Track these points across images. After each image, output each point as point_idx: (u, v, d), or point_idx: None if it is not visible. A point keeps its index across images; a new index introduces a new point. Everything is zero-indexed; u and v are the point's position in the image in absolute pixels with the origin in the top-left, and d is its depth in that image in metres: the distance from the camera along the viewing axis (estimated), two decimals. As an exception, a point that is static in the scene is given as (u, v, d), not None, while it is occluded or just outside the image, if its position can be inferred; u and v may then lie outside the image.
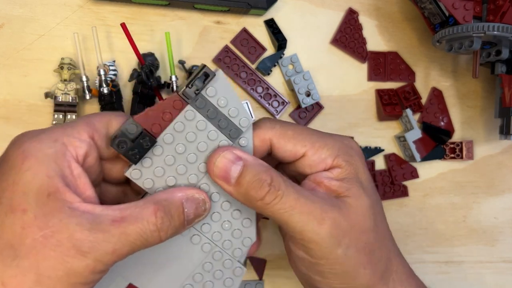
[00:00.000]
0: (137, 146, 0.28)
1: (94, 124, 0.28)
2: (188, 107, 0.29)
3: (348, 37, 0.47)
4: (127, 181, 0.33)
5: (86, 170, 0.27)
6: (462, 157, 0.49)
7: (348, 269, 0.30)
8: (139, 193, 0.33)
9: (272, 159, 0.33)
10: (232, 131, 0.30)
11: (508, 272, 0.50)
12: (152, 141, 0.29)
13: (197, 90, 0.29)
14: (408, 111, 0.47)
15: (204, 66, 0.29)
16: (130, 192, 0.33)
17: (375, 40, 0.48)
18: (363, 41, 0.47)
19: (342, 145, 0.32)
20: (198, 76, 0.29)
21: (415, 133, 0.47)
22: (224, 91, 0.30)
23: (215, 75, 0.29)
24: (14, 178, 0.24)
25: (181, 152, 0.30)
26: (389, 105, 0.47)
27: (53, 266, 0.23)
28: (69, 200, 0.25)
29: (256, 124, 0.32)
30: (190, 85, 0.29)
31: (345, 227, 0.29)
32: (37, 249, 0.23)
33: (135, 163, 0.29)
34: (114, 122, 0.29)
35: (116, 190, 0.32)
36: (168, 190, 0.29)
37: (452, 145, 0.49)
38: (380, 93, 0.47)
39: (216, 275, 0.32)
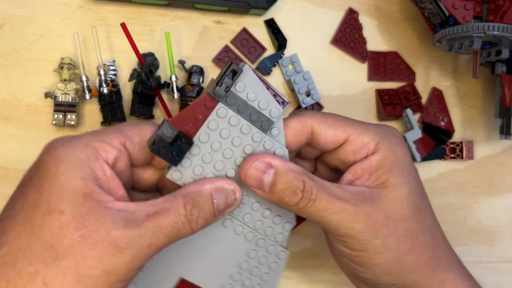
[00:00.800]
0: (175, 149, 0.29)
1: (125, 132, 0.29)
2: (220, 105, 0.30)
3: (348, 37, 0.47)
4: (156, 189, 0.34)
5: (117, 175, 0.28)
6: (462, 157, 0.48)
7: (389, 257, 0.30)
8: None
9: (313, 151, 0.34)
10: (263, 123, 0.31)
11: (508, 272, 0.50)
12: (189, 142, 0.30)
13: (227, 87, 0.30)
14: (408, 111, 0.47)
15: (231, 63, 0.30)
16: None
17: (375, 40, 0.48)
18: (363, 41, 0.47)
19: (383, 131, 0.32)
20: (226, 74, 0.30)
21: (415, 133, 0.47)
22: (252, 84, 0.31)
23: (242, 70, 0.30)
24: (50, 182, 0.25)
25: (217, 149, 0.31)
26: (389, 105, 0.47)
27: (92, 265, 0.24)
28: (104, 200, 0.26)
29: (297, 113, 0.33)
30: (220, 84, 0.30)
31: (380, 218, 0.30)
32: (76, 249, 0.24)
33: (176, 165, 0.30)
34: (145, 130, 0.30)
35: (145, 198, 0.33)
36: (198, 182, 0.29)
37: (452, 145, 0.49)
38: (380, 93, 0.47)
39: (261, 260, 0.34)
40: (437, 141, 0.48)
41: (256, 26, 0.46)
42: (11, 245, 0.24)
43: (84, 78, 0.41)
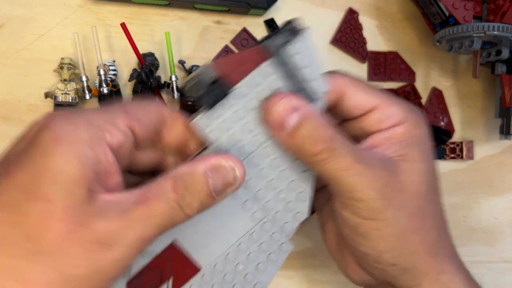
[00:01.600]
0: (210, 93, 0.26)
1: (132, 112, 0.27)
2: (267, 62, 0.28)
3: (348, 37, 0.47)
4: (152, 173, 0.31)
5: (117, 160, 0.26)
6: (462, 157, 0.49)
7: (396, 232, 0.28)
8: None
9: (335, 116, 0.32)
10: (306, 96, 0.28)
11: (508, 272, 0.50)
12: (226, 90, 0.27)
13: (280, 45, 0.27)
14: None
15: (290, 21, 0.27)
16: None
17: (375, 40, 0.48)
18: (363, 41, 0.47)
19: (411, 108, 0.31)
20: (283, 31, 0.27)
21: None
22: (307, 52, 0.28)
23: (302, 33, 0.28)
24: (44, 164, 0.22)
25: (251, 108, 0.28)
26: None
27: (78, 263, 0.22)
28: (97, 190, 0.23)
29: (326, 73, 0.30)
30: (273, 39, 0.27)
31: (397, 189, 0.28)
32: (61, 245, 0.22)
33: (209, 108, 0.27)
34: (152, 109, 0.28)
35: (136, 181, 0.30)
36: (191, 162, 0.26)
37: (452, 145, 0.49)
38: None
39: (262, 247, 0.30)
40: (437, 141, 0.48)
41: (256, 26, 0.46)
42: None
43: (84, 78, 0.41)
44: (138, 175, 0.31)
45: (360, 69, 0.48)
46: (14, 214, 0.22)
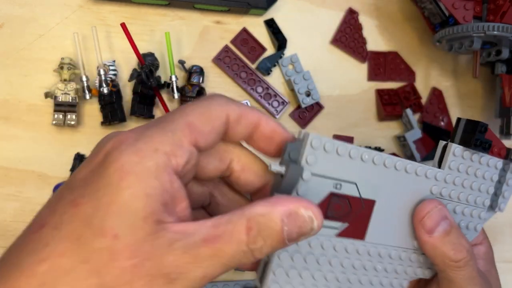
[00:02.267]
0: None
1: (195, 125, 0.26)
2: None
3: (348, 37, 0.47)
4: (218, 180, 0.30)
5: (182, 177, 0.25)
6: (462, 157, 0.48)
7: None
8: (226, 198, 0.31)
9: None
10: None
11: (508, 272, 0.50)
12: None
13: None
14: (408, 111, 0.47)
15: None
16: (218, 193, 0.31)
17: (375, 40, 0.48)
18: (363, 41, 0.47)
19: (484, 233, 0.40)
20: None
21: (415, 133, 0.47)
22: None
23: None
24: (110, 198, 0.22)
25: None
26: (389, 105, 0.47)
27: None
28: (164, 221, 0.23)
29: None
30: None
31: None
32: (124, 279, 0.22)
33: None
34: (214, 114, 0.26)
35: (202, 191, 0.30)
36: (269, 201, 0.24)
37: (452, 145, 0.49)
38: (380, 93, 0.47)
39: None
40: (437, 141, 0.48)
41: (256, 26, 0.46)
42: (53, 263, 0.22)
43: (84, 78, 0.41)
44: (203, 183, 0.30)
45: (360, 69, 0.48)
46: (77, 247, 0.22)
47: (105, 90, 0.41)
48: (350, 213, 0.30)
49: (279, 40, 0.45)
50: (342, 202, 0.30)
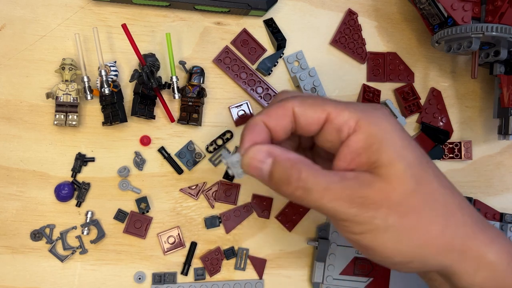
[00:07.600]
0: None
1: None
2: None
3: (348, 38, 0.47)
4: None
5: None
6: (460, 157, 0.49)
7: (394, 236, 0.29)
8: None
9: (306, 140, 0.34)
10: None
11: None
12: None
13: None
14: (389, 101, 0.46)
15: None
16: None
17: (374, 40, 0.48)
18: (362, 42, 0.48)
19: (365, 107, 0.31)
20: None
21: (400, 121, 0.46)
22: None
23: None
24: None
25: None
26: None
27: None
28: None
29: (278, 96, 0.32)
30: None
31: (378, 200, 0.29)
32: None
33: None
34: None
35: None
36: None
37: (451, 145, 0.49)
38: (365, 88, 0.47)
39: None
40: (436, 141, 0.48)
41: (256, 27, 0.46)
42: None
43: (85, 79, 0.41)
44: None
45: (359, 70, 0.48)
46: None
47: (106, 91, 0.41)
48: (372, 270, 0.45)
49: (278, 39, 0.45)
50: (365, 262, 0.45)
